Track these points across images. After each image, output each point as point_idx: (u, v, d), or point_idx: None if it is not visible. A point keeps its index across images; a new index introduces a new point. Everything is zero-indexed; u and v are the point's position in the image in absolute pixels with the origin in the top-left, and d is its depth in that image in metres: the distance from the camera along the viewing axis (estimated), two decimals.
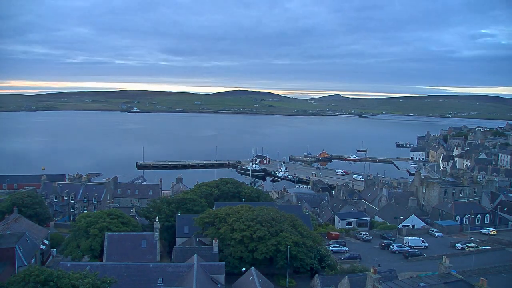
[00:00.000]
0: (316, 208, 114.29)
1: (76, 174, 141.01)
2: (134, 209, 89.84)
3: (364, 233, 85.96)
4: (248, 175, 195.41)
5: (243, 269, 52.83)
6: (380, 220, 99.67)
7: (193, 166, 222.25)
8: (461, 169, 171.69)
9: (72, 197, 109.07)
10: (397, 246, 76.13)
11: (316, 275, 52.50)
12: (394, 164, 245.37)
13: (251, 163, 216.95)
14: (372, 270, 40.53)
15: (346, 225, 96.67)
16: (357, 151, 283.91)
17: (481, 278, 42.26)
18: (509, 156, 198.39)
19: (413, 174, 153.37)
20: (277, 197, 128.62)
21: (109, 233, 58.46)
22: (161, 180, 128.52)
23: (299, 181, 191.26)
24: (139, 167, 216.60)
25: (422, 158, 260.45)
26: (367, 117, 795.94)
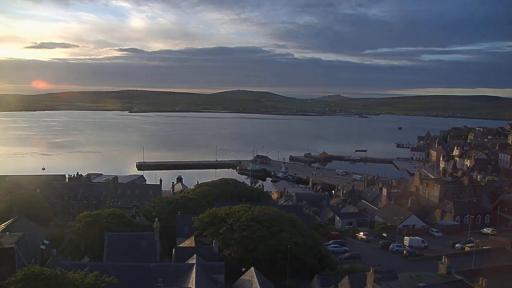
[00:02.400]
0: (316, 208, 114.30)
1: (76, 174, 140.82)
2: (134, 209, 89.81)
3: (364, 233, 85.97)
4: (248, 175, 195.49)
5: (243, 269, 52.81)
6: (380, 220, 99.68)
7: (193, 166, 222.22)
8: (461, 169, 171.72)
9: (72, 197, 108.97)
10: (397, 246, 76.16)
11: (316, 275, 52.48)
12: (394, 164, 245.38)
13: (251, 163, 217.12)
14: (372, 270, 40.53)
15: (346, 225, 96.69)
16: (356, 150, 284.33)
17: (481, 278, 42.31)
18: (509, 156, 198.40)
19: (413, 174, 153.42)
20: (277, 197, 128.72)
21: (109, 233, 58.41)
22: (161, 180, 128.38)
23: (299, 181, 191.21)
24: (139, 167, 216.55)
25: (422, 158, 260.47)
26: (367, 117, 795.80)
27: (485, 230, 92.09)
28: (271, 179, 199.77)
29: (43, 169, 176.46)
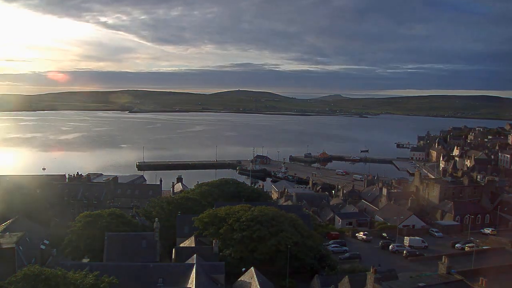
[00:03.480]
0: (316, 208, 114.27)
1: (76, 174, 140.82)
2: (134, 209, 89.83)
3: (364, 233, 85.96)
4: (248, 175, 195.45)
5: (243, 269, 52.83)
6: (380, 220, 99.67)
7: (193, 166, 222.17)
8: (461, 169, 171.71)
9: (72, 197, 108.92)
10: (397, 246, 76.13)
11: (316, 275, 52.50)
12: (394, 164, 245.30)
13: (251, 163, 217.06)
14: (372, 270, 40.53)
15: (346, 225, 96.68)
16: (361, 151, 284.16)
17: (481, 278, 42.28)
18: (509, 156, 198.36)
19: (413, 174, 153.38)
20: (277, 197, 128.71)
21: (109, 233, 58.42)
22: (161, 180, 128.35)
23: (299, 181, 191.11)
24: (139, 167, 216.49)
25: (422, 158, 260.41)
26: (367, 117, 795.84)
27: (485, 230, 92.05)
28: (271, 179, 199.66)
29: (43, 169, 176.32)
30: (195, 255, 50.39)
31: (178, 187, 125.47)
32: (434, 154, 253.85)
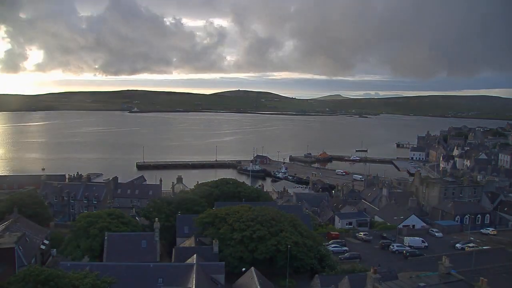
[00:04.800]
0: (316, 208, 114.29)
1: (76, 174, 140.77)
2: (134, 209, 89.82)
3: (364, 233, 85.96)
4: (248, 175, 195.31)
5: (243, 269, 52.84)
6: (380, 220, 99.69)
7: (193, 166, 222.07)
8: (461, 169, 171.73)
9: (72, 197, 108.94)
10: (397, 246, 76.13)
11: (316, 275, 52.49)
12: (394, 164, 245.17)
13: (251, 163, 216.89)
14: (372, 270, 40.51)
15: (346, 225, 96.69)
16: (356, 150, 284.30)
17: (481, 278, 42.21)
18: (509, 156, 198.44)
19: (413, 174, 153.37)
20: (277, 197, 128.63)
21: (109, 233, 58.44)
22: (161, 180, 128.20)
23: (299, 181, 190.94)
24: (139, 167, 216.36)
25: (422, 158, 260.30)
26: (367, 117, 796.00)
27: (485, 230, 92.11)
28: (271, 179, 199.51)
29: (43, 169, 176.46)
30: (195, 255, 50.43)
31: (178, 187, 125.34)
32: (434, 154, 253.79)
